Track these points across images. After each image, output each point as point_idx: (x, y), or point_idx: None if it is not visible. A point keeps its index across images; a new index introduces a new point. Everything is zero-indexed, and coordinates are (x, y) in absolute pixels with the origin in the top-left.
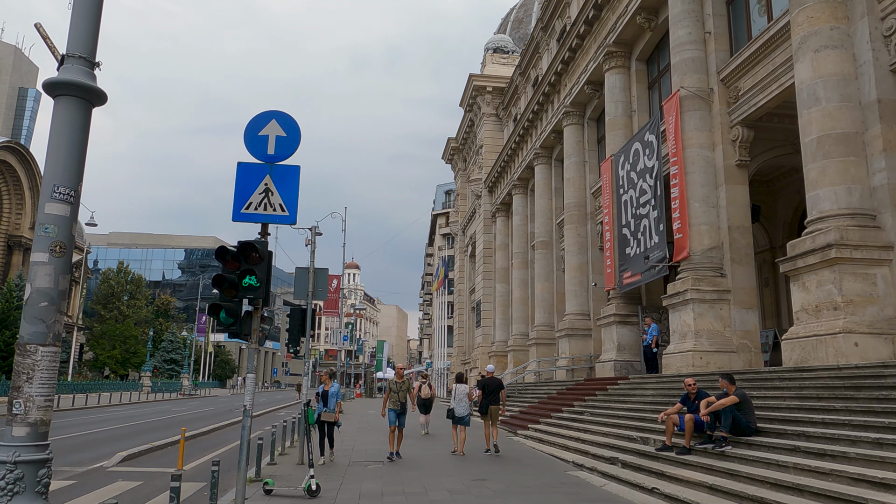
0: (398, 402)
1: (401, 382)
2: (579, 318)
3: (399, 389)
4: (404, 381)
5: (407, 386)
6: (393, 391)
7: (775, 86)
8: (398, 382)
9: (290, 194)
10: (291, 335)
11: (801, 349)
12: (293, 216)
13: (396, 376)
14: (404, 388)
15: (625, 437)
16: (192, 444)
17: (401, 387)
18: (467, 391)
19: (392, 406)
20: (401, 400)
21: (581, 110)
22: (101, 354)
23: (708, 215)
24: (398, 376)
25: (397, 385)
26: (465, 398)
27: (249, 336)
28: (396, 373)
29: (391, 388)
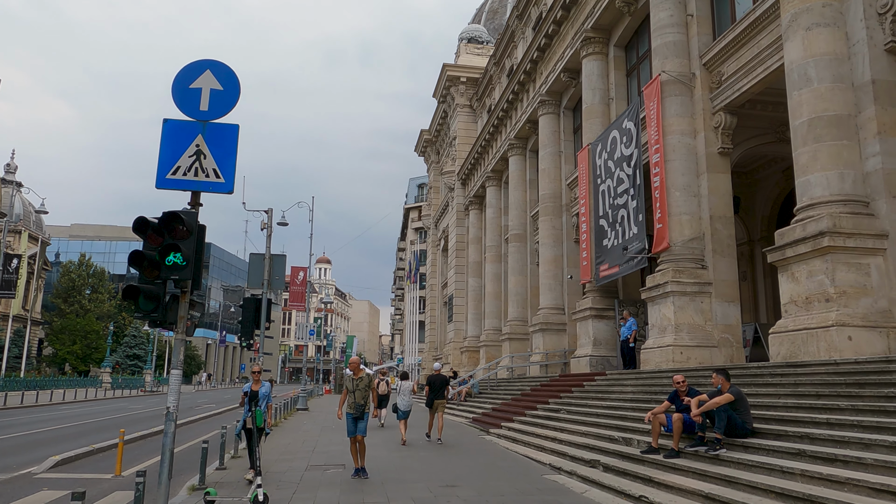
0: (355, 404)
1: (358, 379)
2: (554, 313)
3: (356, 388)
4: (363, 378)
5: (367, 383)
6: (350, 390)
7: (761, 69)
8: (355, 379)
9: (227, 158)
10: (244, 327)
11: (790, 343)
12: (230, 183)
13: (352, 371)
14: (363, 386)
15: (605, 437)
16: (140, 447)
17: (358, 384)
18: (411, 387)
19: (349, 409)
20: (359, 401)
21: (557, 99)
22: (60, 350)
23: (689, 205)
24: (354, 371)
25: (354, 383)
26: (408, 394)
27: (175, 325)
28: (350, 366)
29: (347, 386)
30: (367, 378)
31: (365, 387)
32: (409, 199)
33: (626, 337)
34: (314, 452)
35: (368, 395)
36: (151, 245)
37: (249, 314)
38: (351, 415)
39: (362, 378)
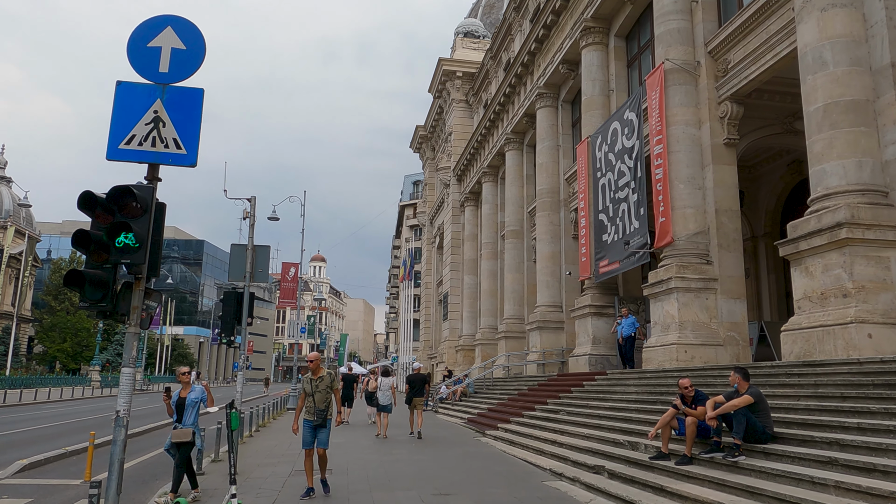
0: (315, 409)
1: (318, 379)
2: (551, 310)
3: (316, 390)
4: (323, 378)
5: (329, 383)
6: (308, 393)
7: (770, 55)
8: (314, 380)
9: (190, 126)
10: (224, 323)
11: (804, 341)
12: (192, 155)
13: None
14: (324, 388)
15: (609, 440)
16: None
17: (318, 386)
18: (391, 384)
19: (307, 416)
20: (319, 406)
21: (555, 92)
22: (50, 348)
23: (693, 198)
24: (313, 370)
25: (313, 384)
26: (388, 390)
27: (127, 316)
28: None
29: (304, 388)
30: (328, 378)
31: (326, 388)
32: (404, 196)
33: (630, 334)
34: (300, 456)
35: (331, 397)
36: (100, 224)
37: (230, 309)
38: (309, 422)
39: (323, 378)
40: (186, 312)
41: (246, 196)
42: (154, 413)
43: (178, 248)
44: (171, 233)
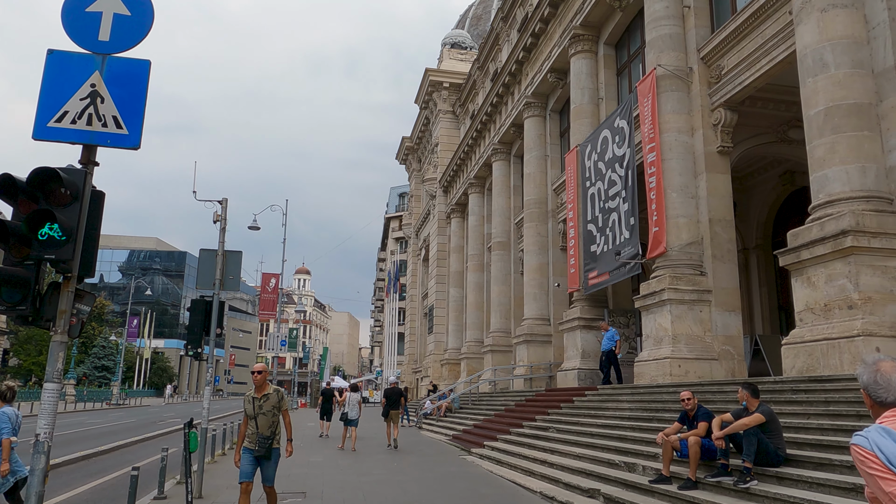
0: (257, 435)
1: (262, 398)
2: (539, 323)
3: (260, 412)
4: (269, 396)
5: (275, 403)
6: (250, 416)
7: (765, 60)
8: (257, 399)
9: (133, 103)
10: (191, 333)
11: (807, 355)
12: (135, 136)
13: (255, 387)
14: (270, 409)
15: (604, 461)
16: (80, 468)
17: (262, 406)
18: (358, 399)
19: (248, 444)
20: (262, 432)
21: (543, 101)
22: (25, 361)
23: (686, 207)
24: (257, 385)
25: (255, 404)
26: (356, 405)
27: (52, 322)
28: (254, 379)
29: (246, 409)
30: (275, 396)
31: (272, 409)
32: (389, 209)
33: (610, 348)
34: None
35: (278, 421)
36: (22, 213)
37: (198, 318)
38: (250, 451)
39: (268, 396)
40: (168, 325)
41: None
42: (128, 429)
43: (160, 260)
44: (153, 244)
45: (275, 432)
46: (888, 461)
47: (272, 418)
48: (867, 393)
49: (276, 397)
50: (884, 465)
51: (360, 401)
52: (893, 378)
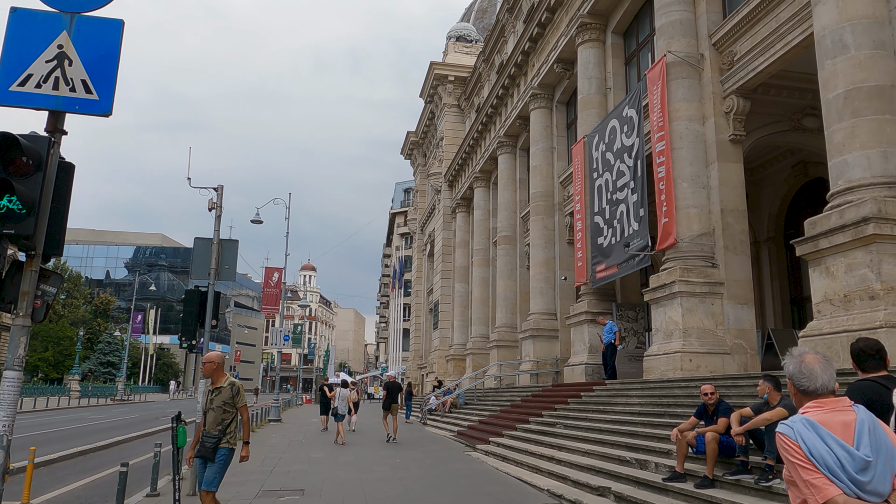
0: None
1: (214, 391)
2: (545, 318)
3: (210, 406)
4: (222, 389)
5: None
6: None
7: (780, 45)
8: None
9: (104, 66)
10: (185, 325)
11: (825, 348)
12: (106, 102)
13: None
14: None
15: (613, 457)
16: (74, 464)
17: (212, 401)
18: (348, 395)
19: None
20: (210, 430)
21: (550, 93)
22: (31, 357)
23: (697, 197)
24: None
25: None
26: (345, 401)
27: (14, 304)
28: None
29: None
30: (228, 391)
31: (223, 405)
32: (395, 204)
33: (610, 341)
34: (272, 473)
35: (233, 418)
36: None
37: (192, 309)
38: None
39: (221, 390)
40: (173, 321)
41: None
42: (129, 424)
43: (165, 257)
44: (159, 240)
45: (225, 431)
46: (809, 452)
47: (222, 415)
48: (792, 382)
49: (230, 391)
50: (805, 456)
51: (350, 397)
52: (816, 369)
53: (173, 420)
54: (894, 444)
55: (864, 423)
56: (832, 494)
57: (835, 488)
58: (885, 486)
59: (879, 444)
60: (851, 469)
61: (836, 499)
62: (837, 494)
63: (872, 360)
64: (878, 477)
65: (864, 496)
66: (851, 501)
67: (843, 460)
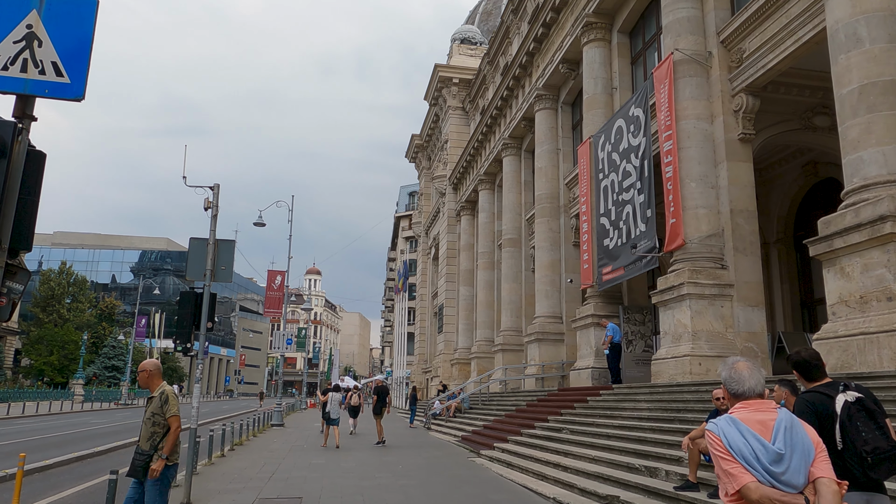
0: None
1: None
2: (551, 322)
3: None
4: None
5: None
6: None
7: (791, 41)
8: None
9: (77, 47)
10: (180, 328)
11: (841, 351)
12: (78, 85)
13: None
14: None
15: (622, 465)
16: (72, 469)
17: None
18: (339, 399)
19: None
20: (142, 446)
21: (555, 94)
22: (37, 361)
23: (706, 197)
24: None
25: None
26: (337, 405)
27: None
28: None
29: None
30: (157, 400)
31: (152, 415)
32: (399, 208)
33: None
34: (271, 480)
35: (166, 431)
36: None
37: (188, 311)
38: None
39: (153, 399)
40: None
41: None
42: (130, 429)
43: (170, 261)
44: (164, 244)
45: (156, 447)
46: (729, 445)
47: (151, 427)
48: (725, 386)
49: (158, 401)
50: (725, 449)
51: (341, 401)
52: (744, 374)
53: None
54: (814, 444)
55: (782, 421)
56: (746, 481)
57: (749, 476)
58: (798, 478)
59: (795, 441)
60: (765, 460)
61: (749, 485)
62: (751, 481)
63: (817, 369)
64: (791, 470)
65: (779, 486)
66: (763, 488)
67: (758, 452)
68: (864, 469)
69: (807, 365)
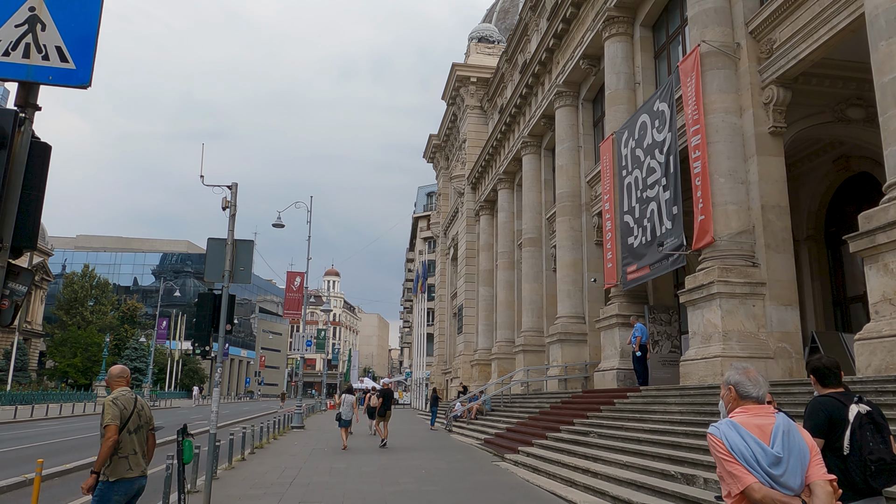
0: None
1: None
2: (573, 322)
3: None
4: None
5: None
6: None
7: (824, 30)
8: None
9: (83, 30)
10: (198, 330)
11: (885, 352)
12: (84, 71)
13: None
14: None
15: (656, 471)
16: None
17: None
18: (352, 401)
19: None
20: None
21: (575, 90)
22: (60, 363)
23: (736, 193)
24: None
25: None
26: (350, 406)
27: None
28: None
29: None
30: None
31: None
32: (417, 209)
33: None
34: (291, 486)
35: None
36: None
37: (206, 314)
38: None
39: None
40: None
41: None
42: None
43: (191, 263)
44: (185, 247)
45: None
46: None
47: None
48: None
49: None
50: (728, 451)
51: (355, 402)
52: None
53: (178, 433)
54: (809, 448)
55: (779, 426)
56: (749, 482)
57: (752, 477)
58: (795, 480)
59: (792, 445)
60: (765, 463)
61: (753, 485)
62: (754, 482)
63: (835, 377)
64: (789, 472)
65: (777, 487)
66: (765, 489)
67: (757, 455)
68: (865, 476)
69: (826, 372)
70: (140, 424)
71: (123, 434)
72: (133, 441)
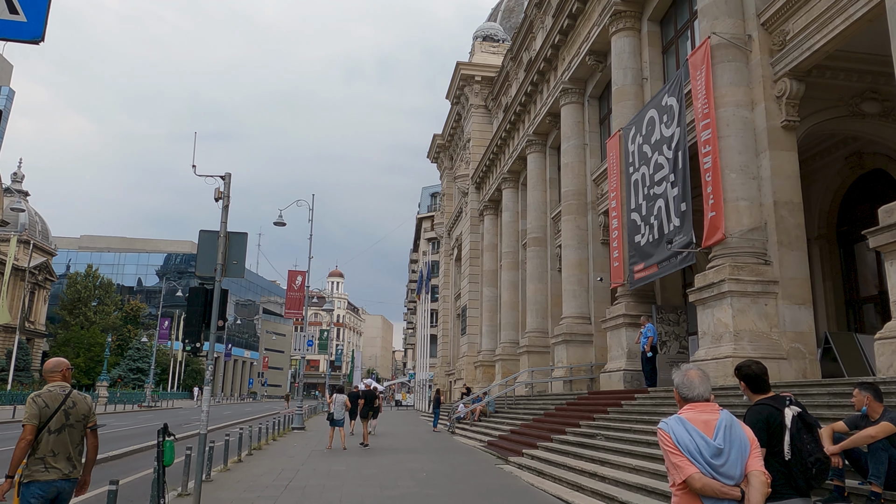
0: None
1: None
2: (578, 322)
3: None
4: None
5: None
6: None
7: (840, 20)
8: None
9: None
10: (189, 326)
11: None
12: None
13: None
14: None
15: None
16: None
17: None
18: (344, 401)
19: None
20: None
21: (581, 87)
22: None
23: (747, 188)
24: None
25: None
26: (342, 406)
27: None
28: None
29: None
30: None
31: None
32: (421, 209)
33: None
34: (287, 489)
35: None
36: None
37: (197, 309)
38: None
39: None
40: None
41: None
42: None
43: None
44: (188, 247)
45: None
46: (677, 441)
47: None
48: (677, 390)
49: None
50: (674, 444)
51: (347, 402)
52: (695, 381)
53: (159, 433)
54: (749, 441)
55: (722, 421)
56: (690, 472)
57: (693, 468)
58: (735, 470)
59: (734, 438)
60: (707, 454)
61: (693, 475)
62: (695, 472)
63: (766, 383)
64: (729, 463)
65: (718, 477)
66: (705, 479)
67: (701, 447)
68: (806, 478)
69: (758, 379)
70: (67, 423)
71: (43, 433)
72: (53, 441)
